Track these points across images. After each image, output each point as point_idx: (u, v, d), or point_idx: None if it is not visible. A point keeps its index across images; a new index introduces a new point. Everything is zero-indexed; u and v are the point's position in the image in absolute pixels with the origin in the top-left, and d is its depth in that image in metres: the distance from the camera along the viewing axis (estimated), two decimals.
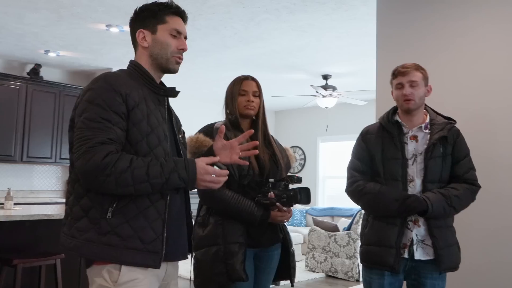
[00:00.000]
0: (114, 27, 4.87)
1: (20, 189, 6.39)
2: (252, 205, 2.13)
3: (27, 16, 4.64)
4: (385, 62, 3.51)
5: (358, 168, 2.33)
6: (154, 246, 1.52)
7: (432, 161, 2.20)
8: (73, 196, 1.55)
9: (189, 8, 4.23)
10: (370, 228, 2.29)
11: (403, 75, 2.25)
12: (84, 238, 1.48)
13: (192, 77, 7.00)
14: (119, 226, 1.49)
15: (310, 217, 8.26)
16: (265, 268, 2.30)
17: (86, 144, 1.44)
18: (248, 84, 2.32)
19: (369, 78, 6.71)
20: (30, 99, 6.27)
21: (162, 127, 1.60)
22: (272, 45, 5.41)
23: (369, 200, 2.25)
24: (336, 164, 8.95)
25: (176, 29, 1.67)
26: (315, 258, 6.28)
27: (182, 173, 1.49)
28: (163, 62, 1.67)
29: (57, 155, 6.49)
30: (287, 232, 2.37)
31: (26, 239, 3.62)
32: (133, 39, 1.70)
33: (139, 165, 1.46)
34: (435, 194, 2.15)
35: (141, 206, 1.52)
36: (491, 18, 3.00)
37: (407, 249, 2.19)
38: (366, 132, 2.37)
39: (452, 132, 2.26)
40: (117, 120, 1.49)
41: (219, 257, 2.11)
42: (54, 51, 5.90)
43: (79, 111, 1.53)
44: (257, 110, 2.32)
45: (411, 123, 2.27)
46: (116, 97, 1.51)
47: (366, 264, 2.29)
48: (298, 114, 9.38)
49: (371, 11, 4.12)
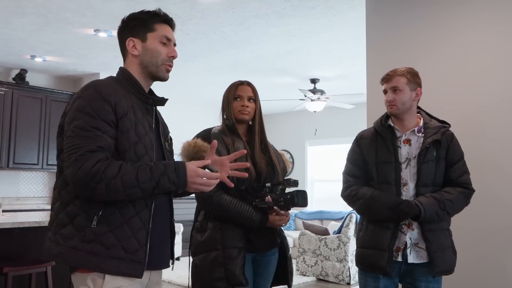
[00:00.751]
0: (102, 31, 4.84)
1: (6, 196, 6.29)
2: (250, 209, 2.14)
3: (13, 21, 4.59)
4: (375, 65, 3.54)
5: (352, 172, 2.36)
6: (137, 256, 1.53)
7: (425, 165, 2.22)
8: (59, 202, 1.56)
9: (178, 12, 4.24)
10: (364, 231, 2.31)
11: (386, 81, 2.31)
12: (68, 245, 1.49)
13: (180, 81, 6.99)
14: (103, 235, 1.50)
15: (299, 221, 8.28)
16: (263, 272, 2.30)
17: (76, 153, 1.45)
18: (243, 89, 2.32)
19: (357, 82, 6.77)
20: (16, 105, 6.18)
21: (149, 136, 1.62)
22: (261, 49, 5.43)
23: (362, 205, 2.28)
24: (325, 168, 8.99)
25: (166, 36, 1.68)
26: (305, 262, 6.29)
27: (172, 176, 1.50)
28: (153, 70, 1.67)
29: (43, 161, 6.41)
30: (284, 237, 2.38)
31: (16, 246, 3.57)
32: (123, 47, 1.70)
33: (128, 171, 1.46)
34: (427, 199, 2.17)
35: (126, 216, 1.53)
36: (480, 20, 3.05)
37: (400, 253, 2.20)
38: (361, 137, 2.39)
39: (446, 136, 2.28)
40: (106, 128, 1.50)
41: (219, 262, 2.11)
42: (41, 56, 5.84)
43: (69, 119, 1.53)
44: (253, 115, 2.32)
45: (404, 127, 2.30)
46: (106, 106, 1.51)
47: (361, 267, 2.31)
48: (286, 118, 9.41)
49: (359, 15, 4.16)
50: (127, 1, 4.02)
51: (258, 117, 2.33)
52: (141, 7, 1.82)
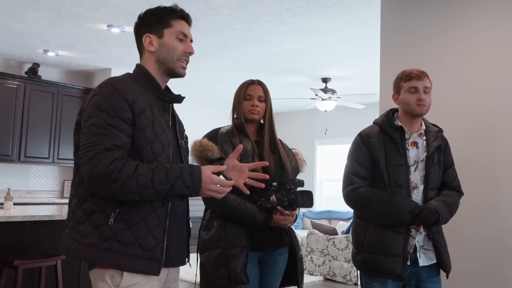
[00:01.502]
0: (115, 27, 4.84)
1: (17, 189, 6.33)
2: (254, 208, 2.13)
3: (27, 15, 4.61)
4: (388, 66, 3.51)
5: (359, 173, 2.24)
6: (154, 254, 1.53)
7: (433, 169, 2.22)
8: (76, 199, 1.56)
9: (191, 9, 4.23)
10: (372, 235, 2.22)
11: (419, 79, 2.22)
12: (86, 242, 1.49)
13: (192, 78, 6.98)
14: (120, 232, 1.50)
15: (307, 220, 8.26)
16: (271, 272, 2.28)
17: (92, 151, 1.45)
18: (254, 88, 2.31)
19: (368, 82, 6.73)
20: (28, 99, 6.22)
21: (165, 134, 1.61)
22: (273, 47, 5.41)
23: (378, 210, 2.18)
24: (334, 167, 8.96)
25: (182, 32, 1.67)
26: (313, 261, 6.28)
27: (187, 180, 1.49)
28: (170, 66, 1.67)
29: (54, 155, 6.44)
30: (294, 236, 2.34)
31: (27, 240, 3.59)
32: (139, 44, 1.70)
33: (144, 172, 1.46)
34: (440, 203, 2.16)
35: (143, 213, 1.53)
36: (497, 23, 3.01)
37: (409, 256, 2.18)
38: (368, 136, 2.28)
39: (443, 140, 2.31)
40: (123, 126, 1.50)
41: (221, 260, 2.11)
42: (53, 50, 5.87)
43: (86, 116, 1.53)
44: (263, 115, 2.31)
45: (412, 129, 2.26)
46: (123, 104, 1.51)
47: (368, 272, 2.23)
48: (296, 117, 9.38)
49: (374, 15, 4.13)
50: None
51: (269, 116, 2.32)
52: (154, 3, 1.81)
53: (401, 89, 2.26)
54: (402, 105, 2.26)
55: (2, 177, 6.28)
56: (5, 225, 3.42)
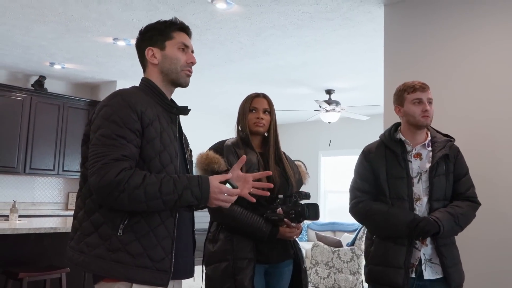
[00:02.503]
0: (121, 40, 4.90)
1: (22, 201, 6.35)
2: (261, 221, 2.14)
3: (34, 28, 4.66)
4: (392, 78, 3.53)
5: (361, 188, 2.30)
6: (163, 265, 1.53)
7: (437, 179, 2.20)
8: (83, 211, 1.55)
9: (196, 22, 4.28)
10: (376, 247, 2.25)
11: (423, 91, 2.25)
12: (94, 254, 1.49)
13: (196, 90, 7.03)
14: (129, 243, 1.49)
15: (312, 232, 8.23)
16: (276, 284, 2.28)
17: (101, 161, 1.46)
18: (259, 101, 2.34)
19: (372, 93, 6.75)
20: (34, 111, 6.27)
21: (173, 145, 1.62)
22: (277, 59, 5.44)
23: (376, 221, 2.23)
24: (338, 179, 8.95)
25: (184, 42, 1.71)
26: (318, 274, 6.24)
27: (195, 190, 1.50)
28: (174, 77, 1.69)
29: (59, 167, 6.47)
30: (299, 249, 2.35)
31: (32, 252, 3.60)
32: (142, 58, 1.73)
33: (152, 182, 1.46)
34: (443, 214, 2.14)
35: (152, 224, 1.53)
36: (501, 34, 3.03)
37: (414, 269, 2.17)
38: (369, 151, 2.33)
39: (453, 150, 2.27)
40: (132, 137, 1.51)
41: (229, 273, 2.11)
42: (60, 63, 5.93)
43: (95, 127, 1.54)
44: (268, 127, 2.33)
45: (415, 141, 2.26)
46: (132, 115, 1.52)
47: (374, 285, 2.26)
48: (300, 128, 9.40)
49: (377, 27, 4.16)
50: (147, 11, 4.07)
51: (273, 129, 2.34)
52: (160, 17, 1.84)
53: (404, 101, 2.27)
54: (406, 117, 2.27)
55: (7, 189, 6.30)
56: (10, 238, 3.43)
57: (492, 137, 2.95)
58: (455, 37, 3.22)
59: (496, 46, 3.03)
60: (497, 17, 3.06)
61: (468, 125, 3.01)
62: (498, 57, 3.01)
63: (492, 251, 2.87)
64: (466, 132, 2.98)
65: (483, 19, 3.12)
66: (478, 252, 2.87)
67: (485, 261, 2.86)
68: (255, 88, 3.12)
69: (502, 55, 3.00)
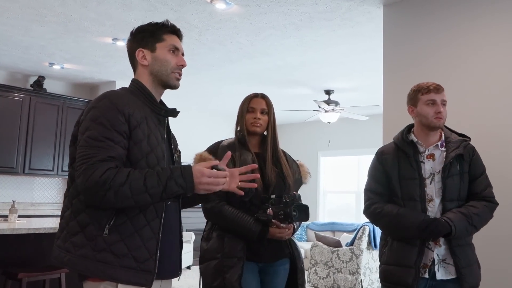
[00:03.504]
0: (120, 40, 4.90)
1: (21, 201, 6.35)
2: (251, 221, 2.17)
3: (34, 29, 4.66)
4: (391, 78, 3.53)
5: (374, 189, 2.31)
6: (147, 265, 1.55)
7: (450, 180, 2.18)
8: (70, 210, 1.57)
9: (196, 23, 4.28)
10: (389, 247, 2.27)
11: (438, 92, 2.25)
12: (79, 254, 1.51)
13: (195, 90, 7.03)
14: (114, 244, 1.51)
15: (311, 232, 8.24)
16: (271, 282, 2.30)
17: (87, 162, 1.48)
18: (257, 101, 2.36)
19: (371, 94, 6.75)
20: (33, 111, 6.27)
21: (161, 147, 1.64)
22: (276, 60, 5.45)
23: (387, 223, 2.24)
24: (337, 179, 8.95)
25: (174, 45, 1.72)
26: (317, 274, 6.24)
27: (178, 179, 1.51)
28: (164, 79, 1.71)
29: (59, 168, 6.47)
30: (296, 248, 2.36)
31: (31, 252, 3.60)
32: (132, 59, 1.74)
33: (136, 177, 1.48)
34: (456, 214, 2.12)
35: (137, 225, 1.55)
36: (501, 35, 3.03)
37: (427, 269, 2.16)
38: (382, 153, 2.34)
39: (468, 150, 2.25)
40: (119, 139, 1.53)
41: (218, 271, 2.15)
42: (59, 63, 5.93)
43: (82, 129, 1.56)
44: (265, 128, 2.35)
45: (428, 142, 2.26)
46: (119, 117, 1.54)
47: (386, 284, 2.27)
48: (300, 129, 9.40)
49: (377, 28, 4.16)
50: (146, 11, 4.07)
51: (272, 129, 2.36)
52: (159, 17, 1.85)
53: (418, 102, 2.27)
54: (419, 117, 2.27)
55: (6, 190, 6.30)
56: (9, 238, 3.43)
57: (491, 137, 2.96)
58: (455, 37, 3.22)
59: (495, 46, 3.04)
60: (496, 17, 3.06)
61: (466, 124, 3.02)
62: (497, 57, 3.02)
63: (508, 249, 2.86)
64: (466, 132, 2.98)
65: (482, 19, 3.12)
66: (495, 252, 2.85)
67: (503, 261, 2.85)
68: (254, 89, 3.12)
69: (502, 56, 3.00)
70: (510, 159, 2.90)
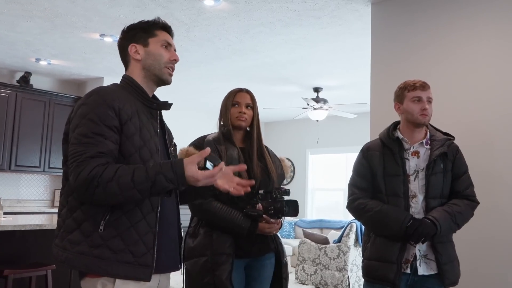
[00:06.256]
0: (108, 36, 4.86)
1: (7, 198, 6.28)
2: (240, 216, 2.16)
3: (20, 24, 4.61)
4: (379, 76, 3.56)
5: (359, 185, 2.33)
6: (145, 260, 1.54)
7: (434, 177, 2.21)
8: (66, 208, 1.57)
9: (184, 19, 4.27)
10: (372, 243, 2.29)
11: (423, 89, 2.27)
12: (76, 251, 1.50)
13: (184, 87, 7.01)
14: (111, 239, 1.51)
15: (299, 229, 8.26)
16: (258, 276, 2.30)
17: (78, 160, 1.47)
18: (242, 96, 2.36)
19: (360, 92, 6.79)
20: (19, 107, 6.20)
21: (154, 141, 1.63)
22: (265, 57, 5.45)
23: (370, 218, 2.26)
24: (326, 177, 8.99)
25: (167, 40, 1.73)
26: (305, 271, 6.27)
27: (168, 174, 1.47)
28: (157, 73, 1.70)
29: (45, 164, 6.40)
30: (280, 243, 2.37)
31: (17, 249, 3.57)
32: (124, 55, 1.73)
33: (124, 173, 1.46)
34: (441, 213, 2.15)
35: (133, 220, 1.54)
36: (485, 32, 3.07)
37: (409, 264, 2.19)
38: (368, 149, 2.36)
39: (452, 148, 2.28)
40: (109, 134, 1.51)
41: (207, 268, 2.14)
42: (46, 59, 5.87)
43: (73, 126, 1.55)
44: (250, 122, 2.35)
45: (413, 139, 2.28)
46: (109, 112, 1.53)
47: (368, 279, 2.29)
48: (288, 126, 9.42)
49: (365, 25, 4.18)
50: (134, 7, 4.04)
51: (256, 124, 2.36)
52: (147, 13, 1.86)
53: (404, 99, 2.29)
54: (405, 114, 2.29)
55: None
56: None
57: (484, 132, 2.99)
58: (442, 36, 3.25)
59: (481, 44, 3.08)
60: (483, 16, 3.10)
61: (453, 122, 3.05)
62: (484, 55, 3.05)
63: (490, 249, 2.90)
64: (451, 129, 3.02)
65: (469, 18, 3.16)
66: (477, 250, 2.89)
67: (483, 259, 2.89)
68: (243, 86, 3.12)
69: (488, 53, 3.04)
70: (494, 154, 2.94)
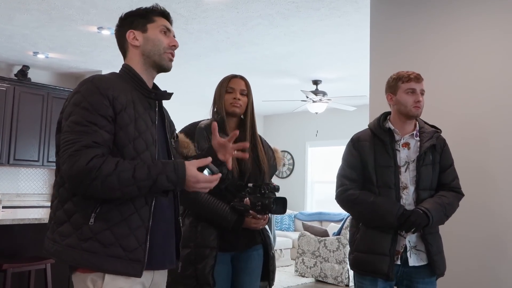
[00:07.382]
0: (105, 29, 4.83)
1: (6, 192, 6.28)
2: (227, 209, 2.11)
3: (17, 17, 4.58)
4: (378, 68, 3.54)
5: (349, 175, 2.30)
6: (136, 255, 1.49)
7: (424, 169, 2.23)
8: (57, 200, 1.53)
9: (182, 12, 4.24)
10: (362, 235, 2.27)
11: (418, 81, 2.26)
12: (65, 244, 1.46)
13: (182, 80, 6.98)
14: (100, 232, 1.46)
15: (298, 222, 8.28)
16: (245, 268, 2.25)
17: (71, 148, 1.43)
18: (236, 82, 2.30)
19: (359, 84, 6.77)
20: (17, 101, 6.17)
21: (150, 132, 1.58)
22: (264, 49, 5.42)
23: (362, 211, 2.25)
24: (325, 169, 8.99)
25: (165, 26, 1.68)
26: (304, 263, 6.29)
27: (170, 175, 1.47)
28: (156, 59, 1.66)
29: (44, 158, 6.39)
30: (267, 236, 2.32)
31: (16, 243, 3.56)
32: (122, 42, 1.69)
33: (125, 168, 1.43)
34: (432, 205, 2.17)
35: (125, 213, 1.50)
36: (483, 25, 3.05)
37: (399, 256, 2.20)
38: (358, 139, 2.34)
39: (440, 141, 2.30)
40: (103, 123, 1.47)
41: (190, 260, 2.10)
42: (43, 52, 5.84)
43: (66, 114, 1.51)
44: (245, 109, 2.29)
45: (404, 130, 2.28)
46: (103, 100, 1.49)
47: (358, 271, 2.28)
48: (287, 119, 9.40)
49: (364, 17, 4.16)
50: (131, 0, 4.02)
51: (250, 112, 2.30)
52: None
53: (397, 90, 2.27)
54: (398, 105, 2.28)
55: None
56: None
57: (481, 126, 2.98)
58: (441, 27, 3.23)
59: (482, 34, 3.05)
60: (484, 6, 3.07)
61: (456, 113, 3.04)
62: (485, 45, 3.03)
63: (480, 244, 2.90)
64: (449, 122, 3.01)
65: (469, 9, 3.13)
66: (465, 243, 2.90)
67: (472, 252, 2.88)
68: None
69: (489, 44, 3.02)
70: (488, 146, 2.93)
